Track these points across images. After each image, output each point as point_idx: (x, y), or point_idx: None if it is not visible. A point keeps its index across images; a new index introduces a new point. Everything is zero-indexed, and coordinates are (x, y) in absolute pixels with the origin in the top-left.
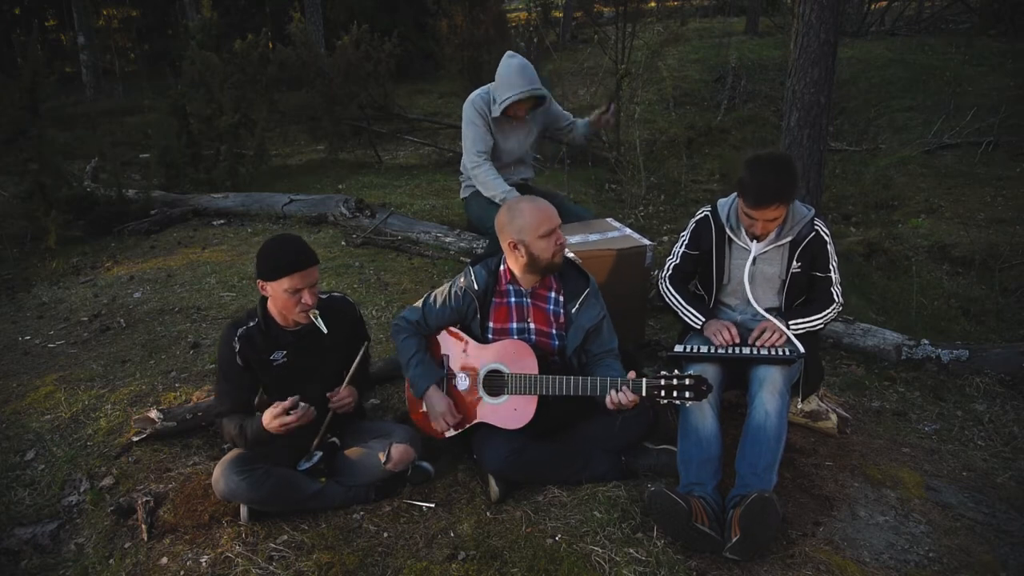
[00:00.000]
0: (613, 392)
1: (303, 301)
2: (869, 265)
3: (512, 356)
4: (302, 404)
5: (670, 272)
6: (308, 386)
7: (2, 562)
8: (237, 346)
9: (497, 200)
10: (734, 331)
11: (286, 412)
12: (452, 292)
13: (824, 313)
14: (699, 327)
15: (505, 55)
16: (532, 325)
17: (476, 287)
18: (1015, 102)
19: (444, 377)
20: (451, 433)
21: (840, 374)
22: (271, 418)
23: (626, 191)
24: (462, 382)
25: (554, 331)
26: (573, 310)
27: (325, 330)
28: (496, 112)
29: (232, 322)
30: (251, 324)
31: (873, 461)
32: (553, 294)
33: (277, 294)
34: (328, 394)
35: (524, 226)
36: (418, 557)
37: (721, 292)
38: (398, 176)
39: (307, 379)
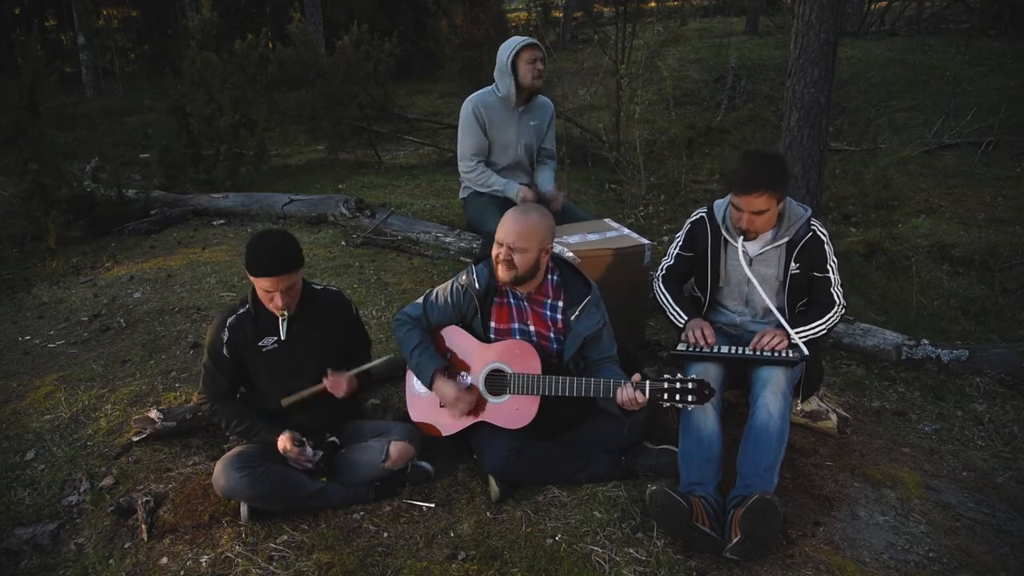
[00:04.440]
0: (628, 388)
1: (273, 301)
2: (869, 265)
3: (515, 356)
4: (309, 449)
5: (663, 272)
6: (299, 375)
7: (2, 562)
8: (226, 335)
9: (498, 192)
10: (708, 331)
11: (292, 443)
12: (453, 289)
13: (826, 318)
14: (681, 326)
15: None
16: (532, 328)
17: (477, 286)
18: (1015, 102)
19: (448, 366)
20: (451, 432)
21: (840, 374)
22: (286, 441)
23: (626, 191)
24: (463, 380)
25: (552, 335)
26: (572, 317)
27: (283, 336)
28: (507, 60)
29: (227, 309)
30: (242, 311)
31: (873, 461)
32: (550, 300)
33: (256, 287)
34: (328, 369)
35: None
36: (418, 557)
37: (717, 294)
38: (398, 176)
39: (298, 367)
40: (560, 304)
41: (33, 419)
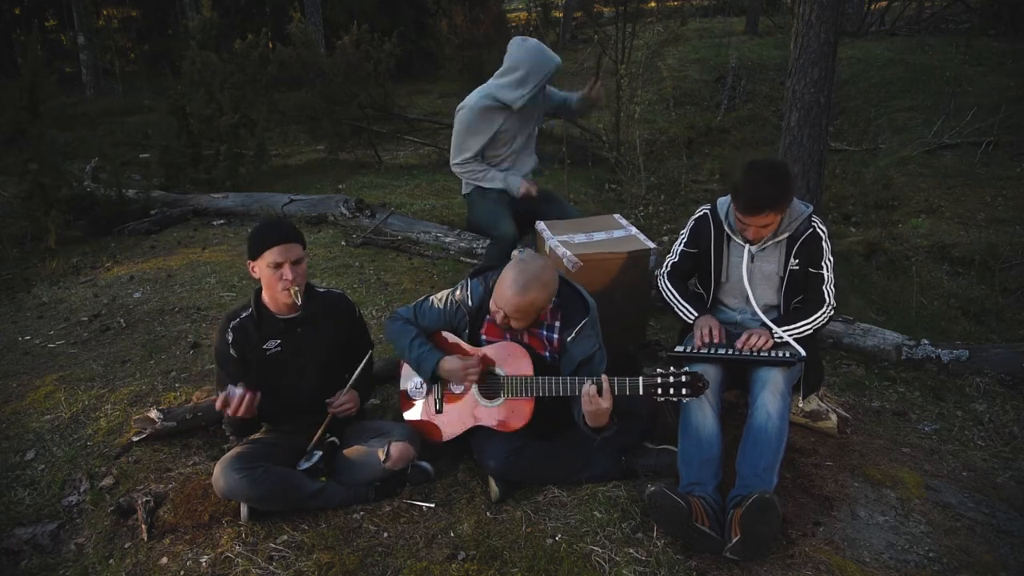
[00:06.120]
0: (588, 384)
1: (284, 277)
2: (869, 265)
3: (507, 358)
4: (236, 391)
5: (668, 269)
6: (303, 378)
7: (2, 562)
8: (230, 336)
9: (498, 187)
10: (717, 330)
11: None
12: (448, 301)
13: (813, 318)
14: (691, 322)
15: (517, 39)
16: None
17: (470, 303)
18: (1015, 102)
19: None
20: (449, 438)
21: (840, 374)
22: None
23: (626, 191)
24: (457, 386)
25: (548, 354)
26: (568, 338)
27: (299, 302)
28: (522, 101)
29: (228, 313)
30: (244, 315)
31: (873, 461)
32: (547, 321)
33: (263, 272)
34: (328, 400)
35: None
36: (418, 557)
37: (719, 291)
38: (398, 176)
39: (302, 370)
40: (557, 324)
41: (33, 419)
